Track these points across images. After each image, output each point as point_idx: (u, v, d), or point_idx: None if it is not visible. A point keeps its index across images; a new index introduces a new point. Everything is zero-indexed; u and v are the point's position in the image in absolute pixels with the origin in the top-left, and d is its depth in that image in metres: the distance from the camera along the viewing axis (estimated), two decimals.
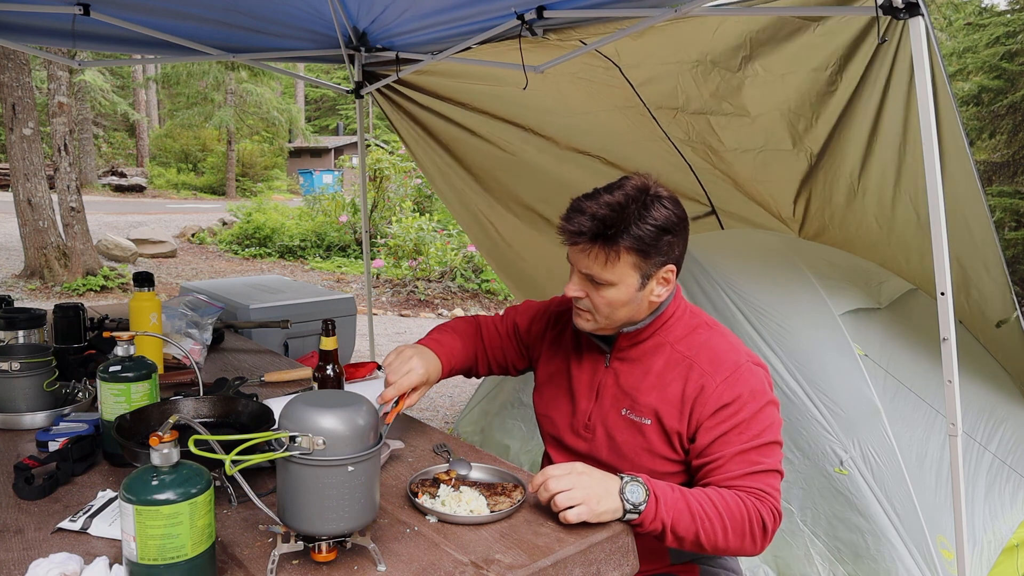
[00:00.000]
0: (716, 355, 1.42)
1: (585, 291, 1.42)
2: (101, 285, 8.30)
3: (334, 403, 1.06)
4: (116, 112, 22.01)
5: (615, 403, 1.48)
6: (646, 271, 1.38)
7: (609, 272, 1.36)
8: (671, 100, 2.79)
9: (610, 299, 1.39)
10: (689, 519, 1.29)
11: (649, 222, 1.34)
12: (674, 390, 1.42)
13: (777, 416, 1.41)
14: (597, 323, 1.45)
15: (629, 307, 1.41)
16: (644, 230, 1.34)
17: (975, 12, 9.60)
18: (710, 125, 2.81)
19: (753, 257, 2.72)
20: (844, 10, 2.06)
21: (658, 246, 1.36)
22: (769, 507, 1.33)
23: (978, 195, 2.30)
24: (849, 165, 2.57)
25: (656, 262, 1.38)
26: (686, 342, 1.46)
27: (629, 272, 1.37)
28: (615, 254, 1.35)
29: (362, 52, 3.51)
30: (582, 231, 1.35)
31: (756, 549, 1.35)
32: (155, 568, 0.97)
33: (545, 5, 2.50)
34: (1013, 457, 2.59)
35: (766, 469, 1.35)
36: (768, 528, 1.33)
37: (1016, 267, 6.32)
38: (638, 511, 1.26)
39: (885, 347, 2.49)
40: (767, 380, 1.43)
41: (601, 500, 1.24)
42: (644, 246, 1.35)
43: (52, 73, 8.63)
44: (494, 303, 8.51)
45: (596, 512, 1.23)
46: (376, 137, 16.26)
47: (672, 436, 1.41)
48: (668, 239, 1.37)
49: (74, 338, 2.20)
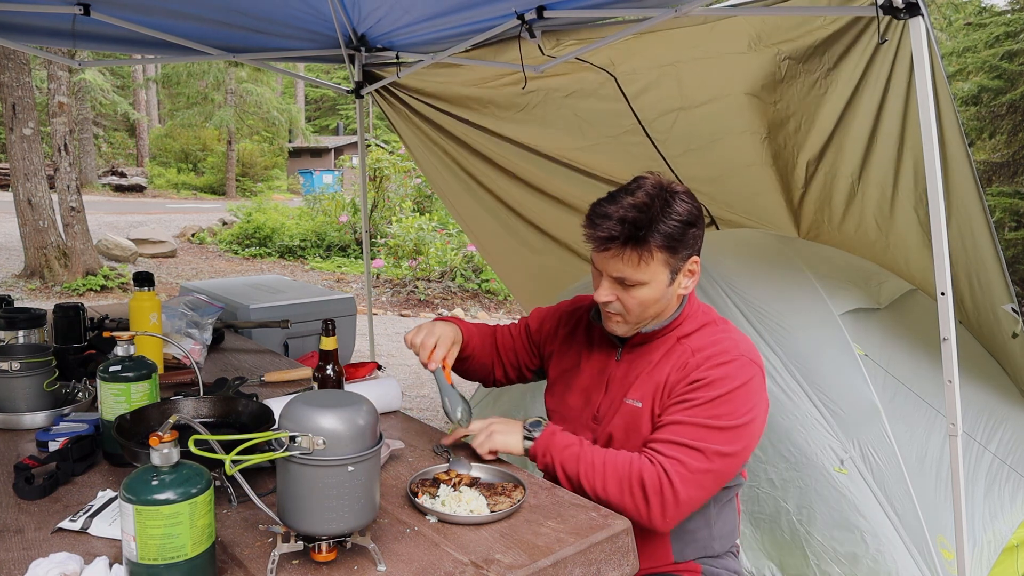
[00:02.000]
0: (711, 343, 1.45)
1: (615, 295, 1.43)
2: (101, 285, 8.30)
3: (334, 403, 1.06)
4: (116, 112, 22.02)
5: (619, 392, 1.52)
6: (675, 266, 1.41)
7: (641, 273, 1.39)
8: (668, 103, 2.80)
9: (642, 299, 1.42)
10: (575, 461, 1.39)
11: (674, 218, 1.36)
12: (664, 376, 1.45)
13: (744, 408, 1.37)
14: (629, 324, 1.47)
15: (660, 303, 1.44)
16: (671, 227, 1.36)
17: (975, 12, 9.59)
18: (704, 130, 2.82)
19: (753, 257, 2.73)
20: (844, 10, 2.06)
21: (685, 240, 1.39)
22: (656, 471, 1.33)
23: (978, 195, 2.30)
24: (849, 165, 2.57)
25: (683, 256, 1.41)
26: (690, 337, 1.48)
27: (660, 270, 1.39)
28: (648, 254, 1.37)
29: (362, 52, 3.52)
30: (613, 236, 1.36)
31: (641, 514, 1.33)
32: (155, 568, 0.97)
33: (545, 5, 2.50)
34: (1013, 457, 2.59)
35: (684, 444, 1.34)
36: (647, 490, 1.32)
37: (1016, 267, 6.32)
38: (532, 438, 1.45)
39: (885, 347, 2.49)
40: (757, 377, 1.41)
41: (503, 432, 1.47)
42: (673, 242, 1.37)
43: (52, 73, 8.63)
44: (494, 303, 8.51)
45: (498, 442, 1.46)
46: (376, 137, 16.27)
47: (655, 417, 1.45)
48: (693, 232, 1.40)
49: (74, 338, 2.20)
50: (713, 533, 1.54)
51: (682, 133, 2.89)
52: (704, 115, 2.76)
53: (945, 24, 11.03)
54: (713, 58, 2.50)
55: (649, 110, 2.88)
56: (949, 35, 10.47)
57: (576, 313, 1.69)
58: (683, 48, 2.53)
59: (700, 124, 2.82)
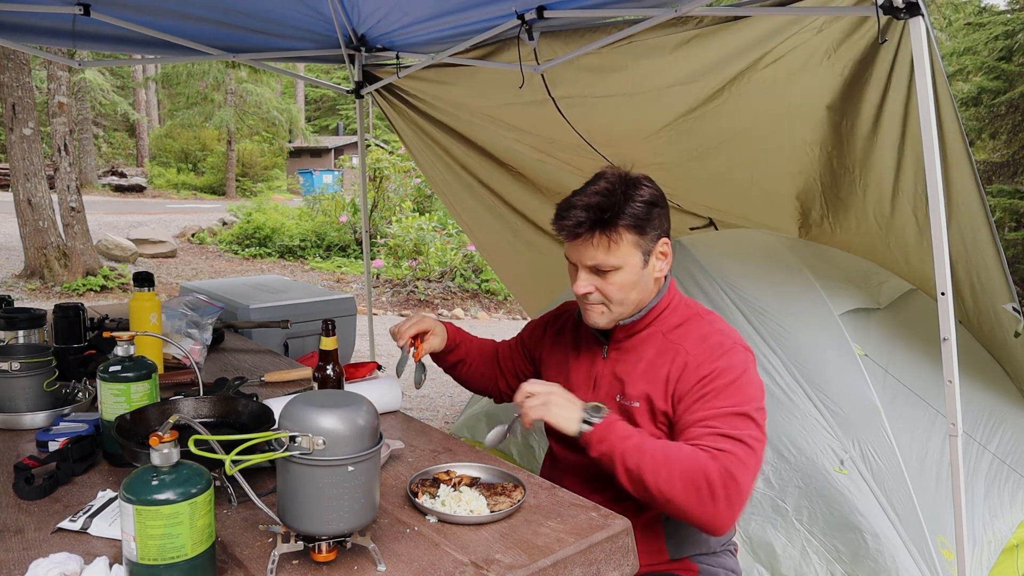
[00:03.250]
0: (703, 337, 1.47)
1: (593, 284, 1.47)
2: (101, 285, 8.30)
3: (334, 403, 1.06)
4: (116, 112, 22.02)
5: (610, 391, 1.53)
6: (646, 247, 1.45)
7: (614, 256, 1.42)
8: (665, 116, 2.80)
9: (620, 283, 1.45)
10: (637, 453, 1.32)
11: (638, 200, 1.42)
12: (662, 374, 1.46)
13: (754, 393, 1.41)
14: (612, 313, 1.49)
15: (638, 287, 1.47)
16: (636, 208, 1.41)
17: (975, 12, 9.59)
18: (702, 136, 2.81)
19: (753, 257, 2.73)
20: (844, 10, 2.05)
21: (651, 220, 1.44)
22: (721, 466, 1.29)
23: (978, 195, 2.30)
24: (849, 165, 2.57)
25: (652, 236, 1.45)
26: (678, 331, 1.50)
27: (631, 251, 1.43)
28: (616, 235, 1.41)
29: (362, 52, 3.52)
30: (580, 222, 1.41)
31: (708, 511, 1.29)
32: (155, 568, 0.97)
33: (545, 5, 2.50)
34: (1013, 457, 2.58)
35: (729, 435, 1.34)
36: (716, 487, 1.27)
37: (1016, 267, 6.32)
38: (591, 423, 1.36)
39: (885, 347, 2.49)
40: (751, 361, 1.46)
41: (563, 407, 1.38)
42: (640, 222, 1.42)
43: (52, 73, 8.63)
44: (494, 303, 8.51)
45: (553, 414, 1.37)
46: (376, 137, 16.26)
47: (658, 416, 1.46)
48: (658, 211, 1.46)
49: (74, 338, 2.20)
50: None
51: (683, 144, 2.89)
52: (703, 120, 2.76)
53: (945, 24, 11.02)
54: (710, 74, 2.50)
55: (645, 127, 2.89)
56: (949, 35, 10.47)
57: (562, 317, 1.75)
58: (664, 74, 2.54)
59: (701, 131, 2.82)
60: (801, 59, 2.25)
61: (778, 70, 2.32)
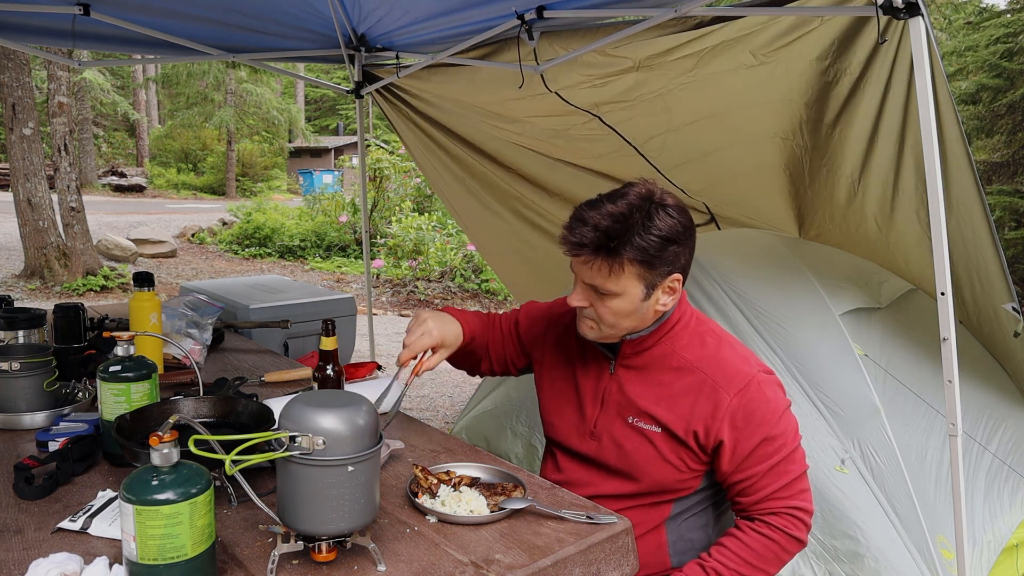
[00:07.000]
0: (727, 367, 1.41)
1: (589, 301, 1.40)
2: (101, 285, 8.30)
3: (334, 403, 1.06)
4: (116, 112, 22.03)
5: (620, 411, 1.47)
6: (651, 281, 1.35)
7: (613, 283, 1.34)
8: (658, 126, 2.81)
9: (615, 309, 1.37)
10: None
11: (653, 232, 1.30)
12: (685, 403, 1.41)
13: (794, 419, 1.45)
14: (601, 332, 1.44)
15: (634, 317, 1.39)
16: (648, 241, 1.30)
17: (975, 12, 9.59)
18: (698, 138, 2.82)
19: (753, 257, 2.72)
20: (844, 10, 2.05)
21: (663, 256, 1.32)
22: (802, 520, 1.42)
23: (978, 194, 2.30)
24: (849, 165, 2.57)
25: (661, 272, 1.35)
26: (693, 351, 1.44)
27: (633, 283, 1.34)
28: (619, 266, 1.32)
29: (362, 52, 3.51)
30: (583, 243, 1.32)
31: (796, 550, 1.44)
32: (155, 568, 0.97)
33: (545, 5, 2.50)
34: (1013, 457, 2.59)
35: (795, 476, 1.42)
36: (792, 552, 1.43)
37: (1016, 267, 6.33)
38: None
39: (885, 347, 2.49)
40: (780, 387, 1.45)
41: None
42: (648, 257, 1.31)
43: (52, 73, 8.62)
44: (494, 303, 8.51)
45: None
46: (376, 137, 16.27)
47: (682, 448, 1.42)
48: (673, 249, 1.33)
49: (74, 338, 2.20)
50: (711, 539, 1.54)
51: (677, 149, 2.89)
52: (701, 127, 2.76)
53: (945, 24, 11.03)
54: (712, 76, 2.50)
55: (641, 134, 2.89)
56: (949, 35, 10.47)
57: (565, 317, 1.64)
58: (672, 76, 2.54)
59: (693, 139, 2.83)
60: (794, 57, 2.26)
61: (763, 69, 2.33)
